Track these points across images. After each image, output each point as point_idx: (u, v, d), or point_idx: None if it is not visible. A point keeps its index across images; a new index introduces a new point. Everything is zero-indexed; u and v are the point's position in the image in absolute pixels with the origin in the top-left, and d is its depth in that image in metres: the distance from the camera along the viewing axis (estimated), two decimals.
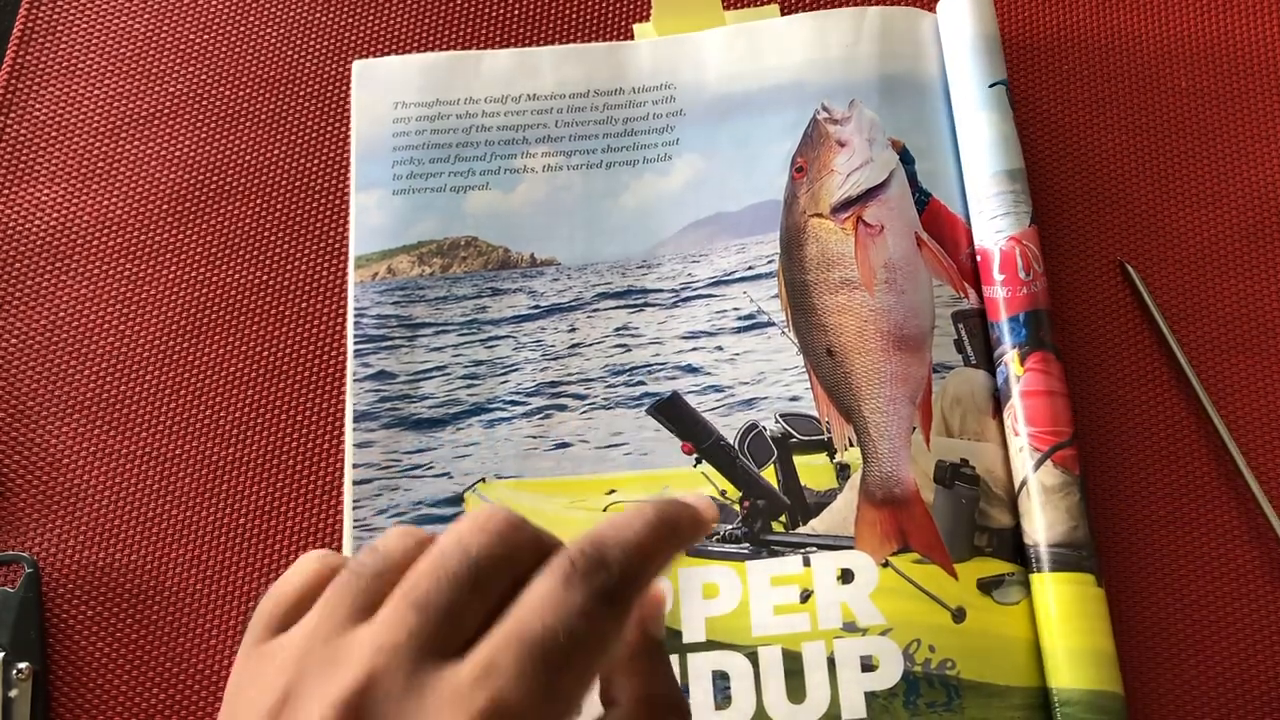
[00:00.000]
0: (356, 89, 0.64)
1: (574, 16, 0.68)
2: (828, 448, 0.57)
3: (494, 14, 0.67)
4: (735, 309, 0.60)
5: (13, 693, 0.53)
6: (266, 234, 0.62)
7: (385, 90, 0.63)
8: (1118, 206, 0.64)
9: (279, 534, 0.57)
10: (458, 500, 0.56)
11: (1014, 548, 0.55)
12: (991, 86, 0.61)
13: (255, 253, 0.62)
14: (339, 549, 0.56)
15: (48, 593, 0.56)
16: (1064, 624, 0.53)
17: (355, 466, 0.57)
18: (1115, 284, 0.62)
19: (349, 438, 0.57)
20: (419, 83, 0.64)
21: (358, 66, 0.64)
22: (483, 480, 0.57)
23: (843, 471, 0.57)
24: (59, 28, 0.67)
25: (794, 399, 0.58)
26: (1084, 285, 0.62)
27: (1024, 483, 0.55)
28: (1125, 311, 0.62)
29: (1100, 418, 0.59)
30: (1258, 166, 0.65)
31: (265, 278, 0.62)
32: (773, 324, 0.59)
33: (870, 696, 0.53)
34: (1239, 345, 0.61)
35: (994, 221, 0.59)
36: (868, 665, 0.53)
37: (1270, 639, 0.56)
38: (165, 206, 0.63)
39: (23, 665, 0.53)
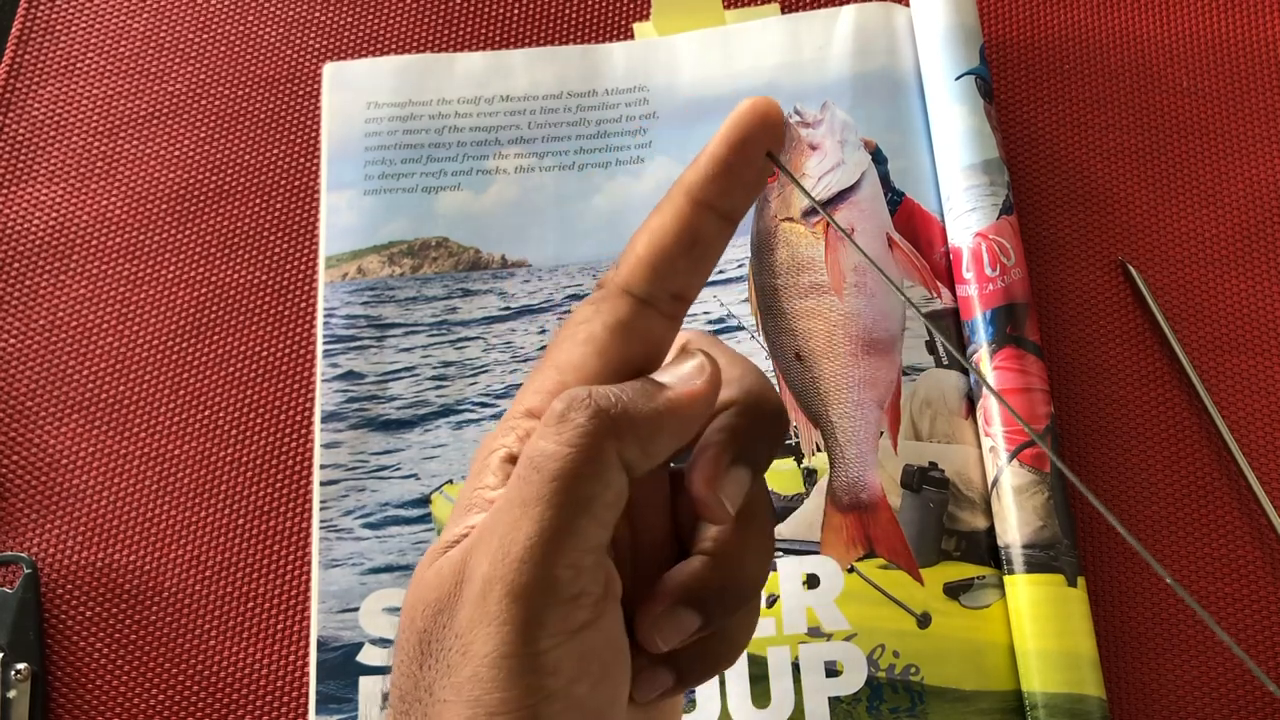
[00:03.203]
0: (328, 91, 0.64)
1: (574, 16, 0.68)
2: (795, 453, 0.57)
3: (495, 14, 0.68)
4: (705, 313, 0.59)
5: (11, 693, 0.53)
6: (266, 234, 0.63)
7: (357, 91, 0.64)
8: (1118, 206, 0.63)
9: (278, 534, 0.58)
10: (424, 502, 0.57)
11: (986, 550, 0.55)
12: (959, 78, 0.60)
13: (255, 252, 0.63)
14: (309, 552, 0.57)
15: (46, 593, 0.56)
16: (1035, 626, 0.53)
17: (323, 467, 0.57)
18: (1115, 284, 0.62)
19: (317, 438, 0.58)
20: (391, 84, 0.64)
21: (329, 69, 0.64)
22: (450, 482, 0.57)
23: (810, 477, 0.56)
24: (57, 27, 0.67)
25: None
26: (1084, 285, 0.61)
27: (995, 483, 0.55)
28: (1126, 311, 0.61)
29: (1101, 418, 0.59)
30: (1258, 166, 0.64)
31: (264, 277, 0.62)
32: (742, 328, 0.59)
33: (834, 702, 0.53)
34: (1240, 345, 0.60)
35: (964, 217, 0.59)
36: (832, 670, 0.53)
37: (1271, 639, 0.55)
38: (164, 206, 0.64)
39: (21, 666, 0.54)
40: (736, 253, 0.60)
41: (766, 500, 0.39)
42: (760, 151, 0.35)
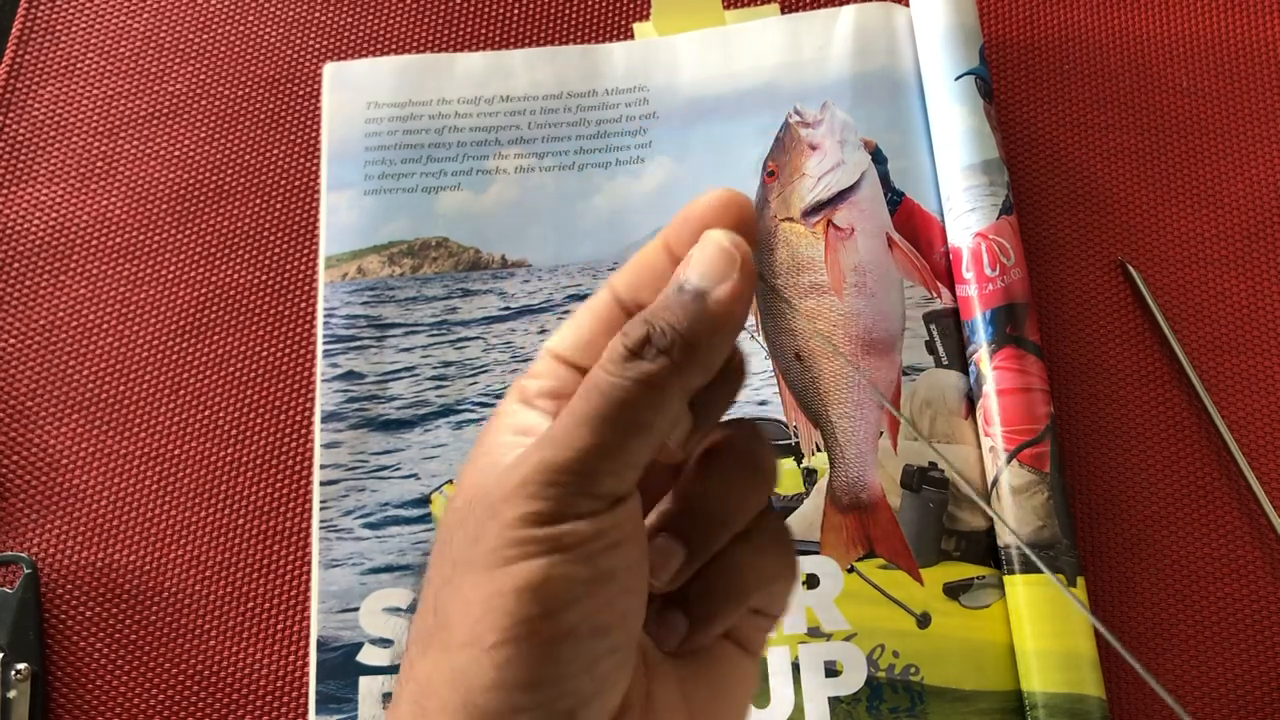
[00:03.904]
0: (328, 91, 0.64)
1: (574, 16, 0.68)
2: (795, 453, 0.57)
3: (495, 14, 0.68)
4: None
5: (11, 693, 0.53)
6: (265, 234, 0.63)
7: (357, 91, 0.64)
8: (1118, 206, 0.63)
9: (278, 534, 0.58)
10: (424, 502, 0.57)
11: (986, 550, 0.55)
12: (959, 78, 0.60)
13: (254, 253, 0.63)
14: (309, 552, 0.57)
15: (46, 593, 0.56)
16: (1034, 626, 0.53)
17: (323, 467, 0.57)
18: (1115, 284, 0.62)
19: (317, 438, 0.58)
20: (391, 84, 0.64)
21: (329, 69, 0.64)
22: (450, 482, 0.57)
23: (810, 477, 0.56)
24: (57, 27, 0.67)
25: (762, 404, 0.58)
26: (1083, 285, 0.61)
27: (995, 483, 0.55)
28: (1125, 311, 0.61)
29: (1101, 418, 0.59)
30: (1258, 166, 0.64)
31: (264, 277, 0.62)
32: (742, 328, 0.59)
33: (834, 702, 0.53)
34: (1239, 345, 0.61)
35: (964, 217, 0.59)
36: (832, 670, 0.53)
37: (1271, 639, 0.55)
38: (164, 206, 0.64)
39: (21, 666, 0.54)
40: None
41: (720, 423, 0.39)
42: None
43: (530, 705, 0.32)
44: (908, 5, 0.64)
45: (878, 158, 0.60)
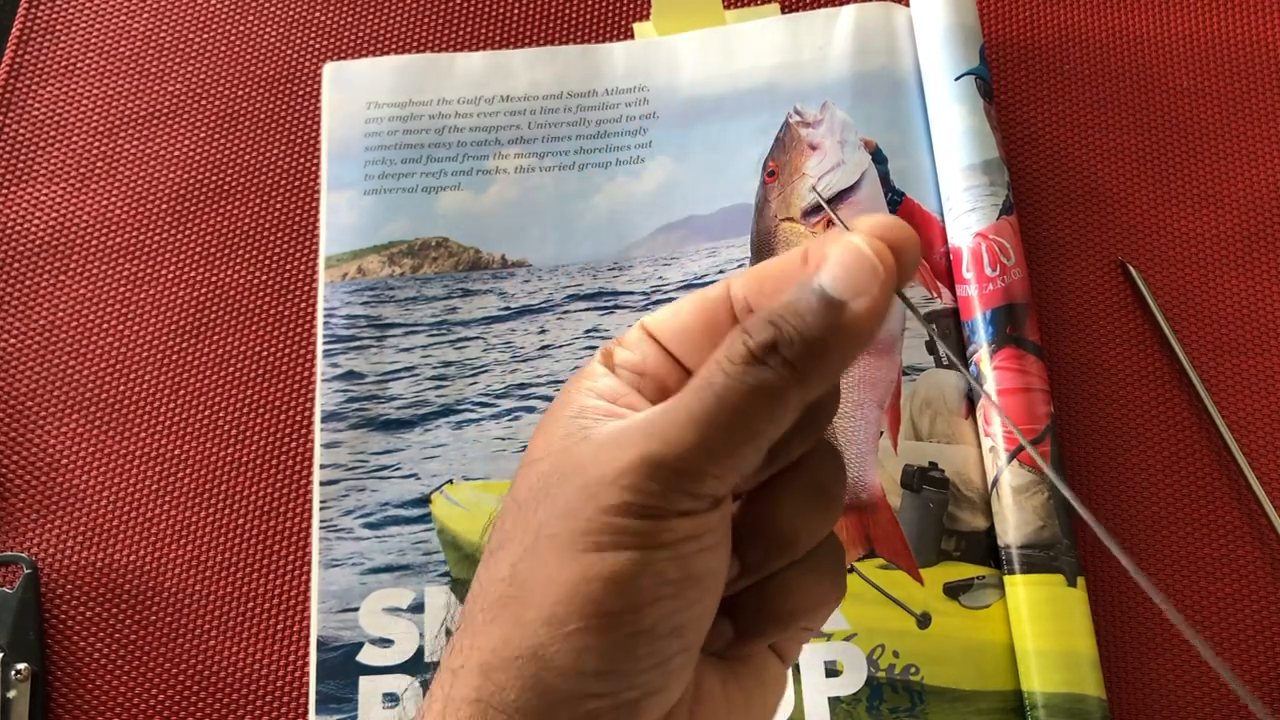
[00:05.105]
0: (328, 90, 0.64)
1: (574, 16, 0.68)
2: None
3: (495, 14, 0.68)
4: None
5: (11, 693, 0.53)
6: (266, 234, 0.63)
7: (357, 91, 0.64)
8: (1118, 206, 0.63)
9: (278, 534, 0.57)
10: (424, 502, 0.57)
11: (986, 550, 0.55)
12: (958, 78, 0.60)
13: (255, 253, 0.63)
14: (309, 552, 0.57)
15: (46, 593, 0.56)
16: (1034, 626, 0.53)
17: (323, 467, 0.57)
18: (1115, 284, 0.62)
19: (317, 438, 0.58)
20: (391, 83, 0.64)
21: (329, 69, 0.64)
22: (450, 481, 0.57)
23: None
24: (57, 27, 0.67)
25: None
26: (1084, 285, 0.61)
27: (995, 483, 0.55)
28: (1125, 311, 0.61)
29: (1101, 418, 0.59)
30: (1258, 166, 0.64)
31: (265, 277, 0.62)
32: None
33: (834, 702, 0.53)
34: (1239, 345, 0.60)
35: (964, 217, 0.59)
36: (832, 670, 0.53)
37: (1271, 639, 0.55)
38: (164, 206, 0.64)
39: (21, 666, 0.54)
40: (736, 253, 0.60)
41: (806, 452, 0.38)
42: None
43: (601, 692, 0.32)
44: (908, 5, 0.64)
45: (878, 158, 0.60)
